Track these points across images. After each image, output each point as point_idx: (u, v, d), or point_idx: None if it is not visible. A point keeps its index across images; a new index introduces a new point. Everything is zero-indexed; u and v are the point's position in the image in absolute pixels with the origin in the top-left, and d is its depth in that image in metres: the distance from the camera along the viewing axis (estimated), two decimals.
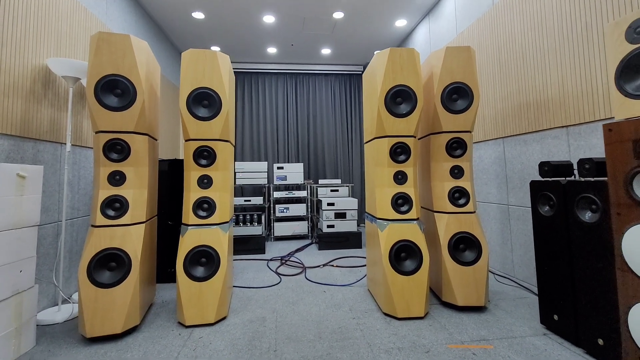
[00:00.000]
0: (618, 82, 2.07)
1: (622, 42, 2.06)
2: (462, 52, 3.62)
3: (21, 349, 2.76)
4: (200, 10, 6.44)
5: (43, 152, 3.60)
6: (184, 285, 3.24)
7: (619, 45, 2.08)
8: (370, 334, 3.07)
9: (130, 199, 3.21)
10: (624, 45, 2.06)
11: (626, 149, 1.98)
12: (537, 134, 4.01)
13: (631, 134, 1.95)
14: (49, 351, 2.86)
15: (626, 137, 1.98)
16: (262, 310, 3.62)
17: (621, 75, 2.06)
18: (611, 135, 2.07)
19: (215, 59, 3.47)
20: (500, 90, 4.64)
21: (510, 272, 4.53)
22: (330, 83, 9.67)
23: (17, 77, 3.31)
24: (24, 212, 2.78)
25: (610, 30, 2.13)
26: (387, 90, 3.48)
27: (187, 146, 3.44)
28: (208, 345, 2.91)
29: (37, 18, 3.59)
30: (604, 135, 2.11)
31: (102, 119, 3.13)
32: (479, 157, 5.11)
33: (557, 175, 3.00)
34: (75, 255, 4.10)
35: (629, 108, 2.01)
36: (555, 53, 3.74)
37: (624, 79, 2.05)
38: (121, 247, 3.07)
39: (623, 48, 2.06)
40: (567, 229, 2.83)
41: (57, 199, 3.79)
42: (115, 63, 3.16)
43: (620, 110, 2.07)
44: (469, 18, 5.34)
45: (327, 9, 6.47)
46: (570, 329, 2.82)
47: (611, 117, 3.15)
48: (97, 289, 2.95)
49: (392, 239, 3.42)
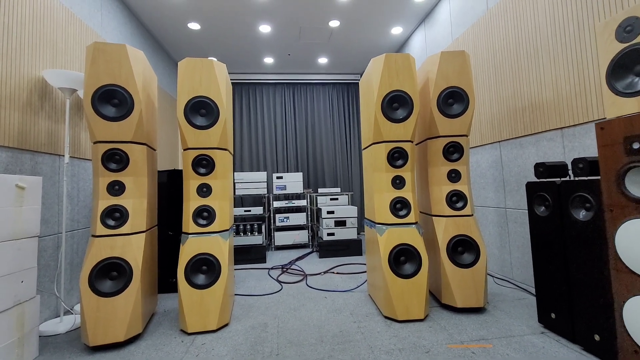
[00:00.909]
0: (609, 81, 2.11)
1: (612, 42, 2.10)
2: (457, 56, 3.65)
3: (24, 358, 2.76)
4: (196, 21, 6.48)
5: (41, 164, 3.63)
6: (185, 293, 3.25)
7: (610, 44, 2.11)
8: (371, 337, 3.08)
9: (130, 209, 3.22)
10: (614, 45, 2.09)
11: (617, 146, 2.01)
12: (533, 137, 4.04)
13: (622, 132, 1.99)
14: None
15: (617, 135, 2.01)
16: (263, 317, 3.63)
17: (612, 74, 2.09)
18: (603, 134, 2.10)
19: (212, 68, 3.49)
20: (495, 94, 4.68)
21: (508, 275, 4.54)
22: (328, 92, 9.71)
23: (13, 89, 3.34)
24: (23, 223, 2.79)
25: (601, 30, 2.16)
26: (384, 96, 3.52)
27: (185, 155, 3.46)
28: (211, 351, 2.92)
29: (32, 29, 3.62)
30: (597, 134, 2.14)
31: (100, 129, 3.15)
32: (476, 162, 5.14)
33: (552, 176, 3.03)
34: (76, 267, 4.11)
35: (620, 106, 2.04)
36: (549, 56, 3.78)
37: (614, 77, 2.08)
38: (122, 256, 3.08)
39: (613, 47, 2.09)
40: (562, 229, 2.86)
41: (57, 210, 3.81)
42: (112, 73, 3.17)
43: (612, 109, 2.10)
44: (464, 24, 5.39)
45: (323, 18, 6.53)
46: (567, 326, 2.84)
47: (604, 117, 3.19)
48: (99, 298, 2.96)
49: (392, 243, 3.44)
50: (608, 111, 2.13)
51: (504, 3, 4.46)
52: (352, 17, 6.54)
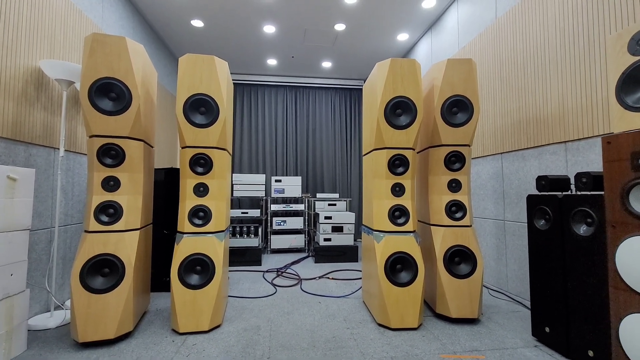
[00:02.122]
0: (618, 94, 2.07)
1: (624, 54, 2.06)
2: (464, 64, 3.62)
3: (12, 352, 2.72)
4: (200, 18, 6.46)
5: (35, 157, 3.58)
6: (178, 293, 3.21)
7: (621, 57, 2.07)
8: (363, 343, 3.05)
9: (125, 205, 3.18)
10: (625, 57, 2.05)
11: (624, 161, 1.98)
12: (535, 150, 4.01)
13: (629, 147, 1.95)
14: (40, 355, 2.83)
15: (624, 150, 1.98)
16: (256, 320, 3.60)
17: (622, 87, 2.05)
18: (609, 148, 2.06)
19: (213, 65, 3.45)
20: (500, 105, 4.65)
21: (504, 287, 4.51)
22: (331, 97, 9.69)
23: (8, 78, 3.28)
24: (14, 215, 2.75)
25: (612, 42, 2.12)
26: (387, 101, 3.48)
27: (183, 153, 3.42)
28: (202, 352, 2.88)
29: (29, 19, 3.56)
30: (602, 148, 2.11)
31: (96, 123, 3.10)
32: (477, 173, 5.12)
33: (554, 189, 3.00)
34: (68, 262, 4.06)
35: (628, 121, 2.01)
36: (557, 68, 3.75)
37: (624, 91, 2.04)
38: (115, 253, 3.04)
39: (625, 60, 2.05)
40: (561, 243, 2.83)
41: (50, 204, 3.76)
42: (110, 65, 3.13)
43: (620, 123, 2.06)
44: (471, 32, 5.36)
45: (329, 21, 6.50)
46: (561, 340, 2.82)
47: (610, 132, 3.15)
48: (90, 294, 2.93)
49: (388, 251, 3.40)
50: (615, 125, 2.09)
51: (513, 13, 4.43)
52: (358, 21, 6.53)
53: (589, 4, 3.39)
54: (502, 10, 4.65)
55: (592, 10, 3.36)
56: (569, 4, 3.60)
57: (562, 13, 3.69)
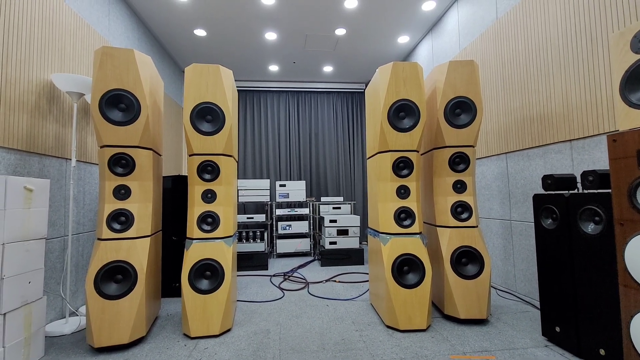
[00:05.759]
0: (623, 92, 2.09)
1: (627, 52, 2.09)
2: (465, 66, 3.65)
3: (30, 358, 2.78)
4: (202, 28, 6.52)
5: (49, 167, 3.65)
6: (189, 298, 3.25)
7: (624, 55, 2.10)
8: (373, 345, 3.07)
9: (136, 213, 3.23)
10: (629, 55, 2.08)
11: (630, 158, 2.00)
12: (540, 149, 4.03)
13: (635, 144, 1.97)
14: None
15: (630, 147, 2.00)
16: (266, 323, 3.63)
17: (626, 85, 2.08)
18: (615, 146, 2.09)
19: (219, 74, 3.51)
20: (503, 105, 4.67)
21: (512, 287, 4.52)
22: (333, 101, 9.72)
23: (22, 92, 3.36)
24: (31, 224, 2.81)
25: (615, 41, 2.15)
26: (390, 105, 3.52)
27: (191, 161, 3.47)
28: (213, 356, 2.92)
29: (41, 34, 3.64)
30: (608, 146, 2.13)
31: (107, 133, 3.16)
32: (482, 174, 5.14)
33: (561, 188, 3.02)
34: (82, 270, 4.12)
35: (633, 118, 2.03)
36: (560, 67, 3.77)
37: (628, 89, 2.07)
38: (127, 259, 3.09)
39: (628, 58, 2.08)
40: (569, 242, 2.84)
41: (63, 213, 3.83)
42: (120, 77, 3.19)
43: (625, 121, 2.09)
44: (472, 33, 5.39)
45: (330, 26, 6.55)
46: (572, 340, 2.82)
47: (615, 130, 3.16)
48: (104, 300, 2.98)
49: (395, 253, 3.43)
50: (620, 123, 2.12)
51: (514, 13, 4.46)
52: (359, 26, 6.57)
53: (590, 2, 3.42)
54: (503, 11, 4.68)
55: (594, 8, 3.38)
56: (571, 3, 3.62)
57: (564, 12, 3.71)
